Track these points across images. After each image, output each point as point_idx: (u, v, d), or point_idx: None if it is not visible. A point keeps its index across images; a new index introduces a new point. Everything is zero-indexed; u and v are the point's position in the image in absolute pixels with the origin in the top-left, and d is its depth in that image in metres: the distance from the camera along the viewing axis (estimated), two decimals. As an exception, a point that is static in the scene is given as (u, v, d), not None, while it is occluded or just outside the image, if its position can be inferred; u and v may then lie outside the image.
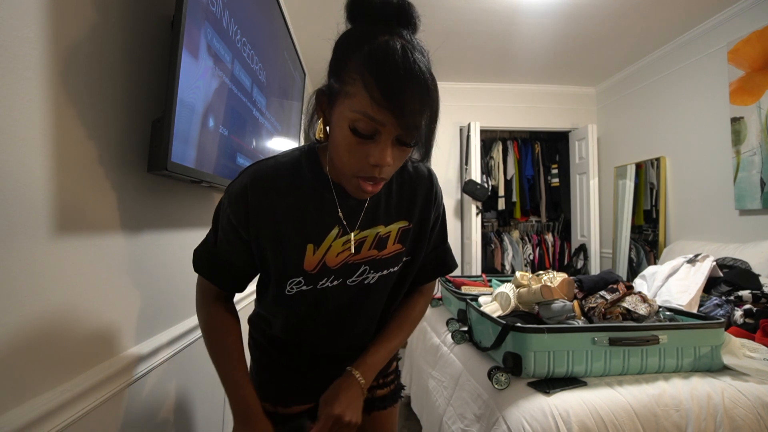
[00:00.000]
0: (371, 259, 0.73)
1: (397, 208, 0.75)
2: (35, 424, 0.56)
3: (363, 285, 0.74)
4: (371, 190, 0.62)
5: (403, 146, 0.60)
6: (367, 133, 0.57)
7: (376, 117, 0.55)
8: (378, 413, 0.88)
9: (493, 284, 2.10)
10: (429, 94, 0.57)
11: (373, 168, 0.59)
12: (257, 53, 1.34)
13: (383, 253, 0.74)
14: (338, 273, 0.71)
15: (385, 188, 0.74)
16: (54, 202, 0.62)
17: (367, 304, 0.76)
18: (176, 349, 0.99)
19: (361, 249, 0.72)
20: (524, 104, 3.92)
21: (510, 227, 4.40)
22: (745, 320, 1.61)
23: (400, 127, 0.56)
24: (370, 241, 0.73)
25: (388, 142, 0.58)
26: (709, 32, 2.67)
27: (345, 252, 0.71)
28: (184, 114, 0.85)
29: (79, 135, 0.68)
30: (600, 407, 1.07)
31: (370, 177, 0.60)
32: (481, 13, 2.54)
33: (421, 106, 0.56)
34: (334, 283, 0.72)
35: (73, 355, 0.66)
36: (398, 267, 0.76)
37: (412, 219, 0.76)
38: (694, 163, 2.83)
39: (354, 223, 0.71)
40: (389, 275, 0.75)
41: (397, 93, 0.54)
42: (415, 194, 0.76)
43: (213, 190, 1.25)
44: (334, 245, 0.70)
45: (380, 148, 0.58)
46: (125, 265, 0.81)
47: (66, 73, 0.65)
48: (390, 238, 0.74)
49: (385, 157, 0.58)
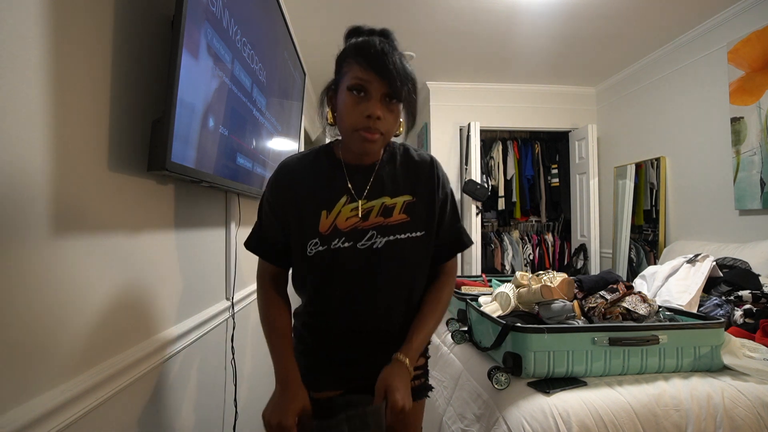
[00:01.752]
0: (378, 225, 0.83)
1: (402, 185, 0.86)
2: (35, 424, 0.56)
3: (372, 249, 0.83)
4: (370, 138, 0.77)
5: (391, 103, 0.77)
6: (359, 89, 0.75)
7: (363, 77, 0.75)
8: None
9: (493, 284, 2.09)
10: (403, 65, 0.76)
11: (367, 119, 0.75)
12: (257, 53, 1.34)
13: (389, 220, 0.84)
14: (348, 236, 0.82)
15: (390, 167, 0.87)
16: (54, 202, 0.62)
17: (380, 271, 0.83)
18: (176, 349, 0.99)
19: (369, 217, 0.84)
20: (524, 104, 3.92)
21: (510, 227, 4.41)
22: (745, 320, 1.61)
23: (382, 84, 0.74)
24: (376, 210, 0.84)
25: (377, 97, 0.75)
26: (709, 32, 2.67)
27: (354, 218, 0.83)
28: (184, 114, 0.85)
29: (79, 135, 0.68)
30: (600, 407, 1.07)
31: (367, 128, 0.76)
32: (481, 13, 2.54)
33: (396, 69, 0.74)
34: (345, 245, 0.82)
35: (73, 355, 0.66)
36: (406, 236, 0.84)
37: (415, 194, 0.87)
38: (694, 163, 2.83)
39: (361, 193, 0.84)
40: (396, 242, 0.83)
41: (376, 60, 0.74)
42: (417, 174, 0.88)
43: (213, 190, 1.25)
44: (344, 210, 0.83)
45: (371, 103, 0.75)
46: (125, 265, 0.81)
47: (66, 73, 0.65)
48: (395, 209, 0.85)
49: (376, 110, 0.75)
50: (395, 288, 0.86)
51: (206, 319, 1.16)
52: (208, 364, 1.21)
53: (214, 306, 1.25)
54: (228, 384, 1.36)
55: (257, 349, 1.73)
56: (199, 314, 1.14)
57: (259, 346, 1.78)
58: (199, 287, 1.15)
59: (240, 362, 1.45)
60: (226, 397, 1.34)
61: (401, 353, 0.81)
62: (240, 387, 1.43)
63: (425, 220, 0.86)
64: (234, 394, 1.36)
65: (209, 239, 1.24)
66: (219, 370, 1.29)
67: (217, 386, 1.28)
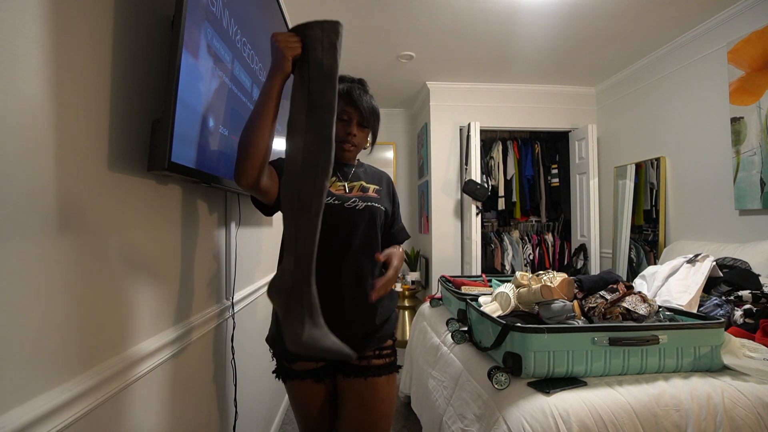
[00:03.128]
0: (358, 195, 1.15)
1: (372, 180, 1.23)
2: (35, 424, 0.56)
3: (355, 209, 1.11)
4: (348, 148, 1.15)
5: (361, 128, 1.15)
6: (344, 117, 1.12)
7: (347, 110, 1.12)
8: (374, 379, 1.11)
9: (493, 284, 2.09)
10: (372, 105, 1.15)
11: (347, 135, 1.13)
12: (257, 53, 1.34)
13: (366, 194, 1.17)
14: (337, 198, 1.11)
15: (362, 171, 1.24)
16: (54, 202, 0.62)
17: (359, 225, 1.11)
18: (176, 349, 0.99)
19: (352, 191, 1.17)
20: (524, 104, 3.92)
21: (510, 227, 4.41)
22: (745, 320, 1.61)
23: (357, 114, 1.13)
24: (356, 188, 1.18)
25: (353, 123, 1.13)
26: (709, 32, 2.67)
27: (341, 189, 1.15)
28: (184, 114, 0.85)
29: (79, 135, 0.68)
30: (600, 407, 1.07)
31: (346, 141, 1.14)
32: (481, 13, 2.54)
33: (365, 107, 1.12)
34: (335, 202, 1.10)
35: (73, 355, 0.66)
36: (378, 205, 1.16)
37: (381, 186, 1.23)
38: (694, 163, 2.83)
39: (346, 178, 1.19)
40: (372, 207, 1.14)
41: (353, 99, 1.12)
42: (381, 178, 1.27)
43: (213, 190, 1.26)
44: (334, 184, 1.16)
45: (350, 125, 1.13)
46: (125, 264, 0.81)
47: (66, 73, 0.65)
48: (369, 190, 1.19)
49: (353, 130, 1.14)
50: (366, 241, 1.13)
51: (206, 319, 1.16)
52: (208, 364, 1.21)
53: (214, 306, 1.25)
54: (228, 384, 1.36)
55: (257, 349, 1.73)
56: (199, 314, 1.14)
57: (259, 346, 1.78)
58: (199, 287, 1.15)
59: (240, 362, 1.45)
60: (226, 397, 1.34)
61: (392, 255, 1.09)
62: (240, 387, 1.43)
63: (388, 202, 1.22)
64: (234, 394, 1.36)
65: (209, 239, 1.24)
66: (219, 370, 1.30)
67: (217, 386, 1.28)
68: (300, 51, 0.86)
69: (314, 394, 1.13)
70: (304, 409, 1.15)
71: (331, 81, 0.85)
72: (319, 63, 0.85)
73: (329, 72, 0.85)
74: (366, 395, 1.11)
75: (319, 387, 1.13)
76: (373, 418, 1.11)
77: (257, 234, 1.83)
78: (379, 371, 1.12)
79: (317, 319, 0.86)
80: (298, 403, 1.16)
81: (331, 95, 0.85)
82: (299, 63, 0.87)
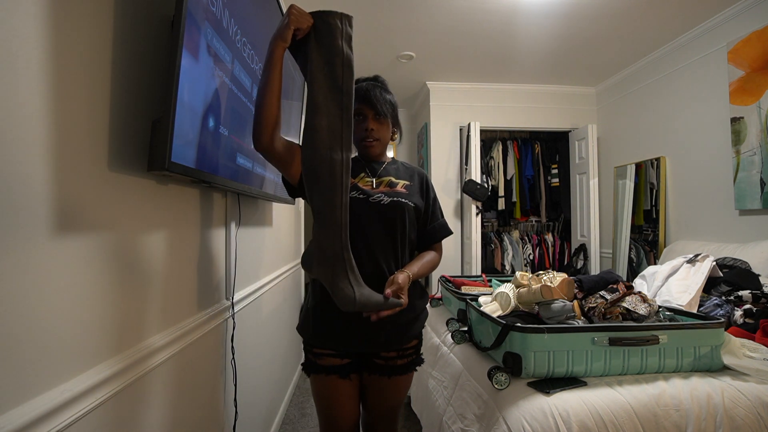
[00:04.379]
0: (385, 191, 1.16)
1: (402, 175, 1.22)
2: (35, 424, 0.56)
3: (380, 204, 1.12)
4: (369, 144, 1.17)
5: (379, 119, 1.15)
6: (358, 116, 1.15)
7: (360, 108, 1.14)
8: (397, 377, 1.17)
9: (493, 284, 2.09)
10: (385, 94, 1.15)
11: (365, 132, 1.15)
12: (257, 53, 1.34)
13: (393, 189, 1.17)
14: (363, 192, 1.14)
15: (393, 168, 1.23)
16: (54, 202, 0.62)
17: (386, 219, 1.12)
18: (176, 349, 0.99)
19: (379, 186, 1.17)
20: (524, 104, 3.92)
21: (510, 227, 4.41)
22: (745, 320, 1.61)
23: (371, 109, 1.14)
24: (384, 183, 1.18)
25: (368, 119, 1.15)
26: (709, 32, 2.67)
27: (368, 185, 1.16)
28: (184, 114, 0.85)
29: (79, 135, 0.68)
30: (600, 407, 1.07)
31: (366, 138, 1.16)
32: (481, 13, 2.54)
33: (377, 99, 1.12)
34: (360, 196, 1.12)
35: (73, 355, 0.66)
36: (405, 199, 1.15)
37: (412, 181, 1.22)
38: (694, 163, 2.83)
39: (374, 174, 1.19)
40: (398, 202, 1.13)
41: (365, 94, 1.13)
42: (412, 174, 1.25)
43: (213, 190, 1.25)
44: (363, 180, 1.17)
45: (366, 121, 1.15)
46: (125, 264, 0.81)
47: (66, 72, 0.65)
48: (398, 185, 1.18)
49: (369, 125, 1.15)
50: (390, 237, 1.12)
51: (206, 319, 1.16)
52: (208, 364, 1.21)
53: (214, 306, 1.25)
54: (228, 384, 1.36)
55: (257, 349, 1.74)
56: (199, 314, 1.14)
57: (259, 345, 1.79)
58: (199, 287, 1.15)
59: (240, 362, 1.45)
60: (226, 397, 1.34)
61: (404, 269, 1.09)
62: (240, 387, 1.43)
63: (419, 198, 1.19)
64: (234, 394, 1.36)
65: (209, 239, 1.24)
66: (219, 370, 1.30)
67: (217, 386, 1.28)
68: (306, 27, 0.93)
69: (339, 389, 1.14)
70: (327, 403, 1.16)
71: (350, 68, 0.95)
72: (340, 50, 0.93)
73: (348, 60, 0.94)
74: (388, 390, 1.18)
75: (344, 383, 1.14)
76: (392, 404, 1.21)
77: (257, 234, 1.83)
78: (402, 370, 1.18)
79: (361, 281, 0.97)
80: (321, 397, 1.16)
81: (350, 82, 0.95)
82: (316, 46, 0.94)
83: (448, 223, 1.27)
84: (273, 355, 2.02)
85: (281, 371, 2.27)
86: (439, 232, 1.23)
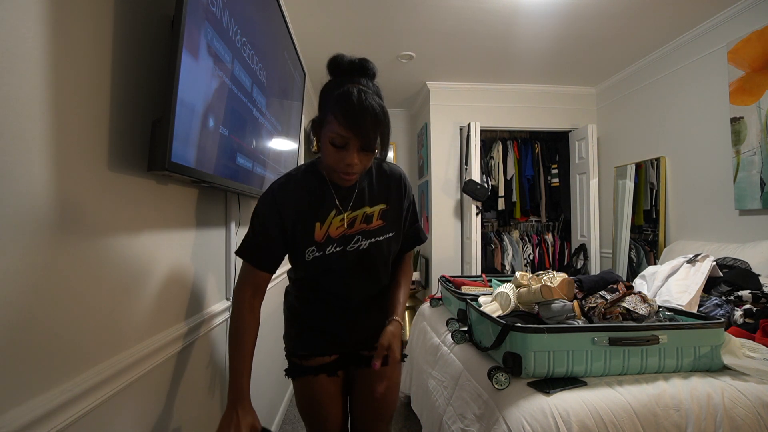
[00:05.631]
0: (362, 230, 1.03)
1: (378, 195, 1.06)
2: (35, 424, 0.56)
3: (359, 251, 1.02)
4: (348, 179, 0.95)
5: (366, 152, 0.91)
6: (340, 145, 0.89)
7: (343, 134, 0.87)
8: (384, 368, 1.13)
9: (493, 284, 2.09)
10: (378, 118, 0.87)
11: (346, 166, 0.90)
12: (257, 53, 1.34)
13: (370, 226, 1.04)
14: (339, 242, 1.01)
15: (368, 181, 1.05)
16: (54, 202, 0.62)
17: (366, 266, 1.04)
18: (177, 349, 0.99)
19: (354, 224, 1.03)
20: (524, 104, 3.92)
21: (510, 227, 4.41)
22: (745, 320, 1.61)
23: (359, 141, 0.87)
24: (359, 218, 1.03)
25: (354, 150, 0.89)
26: (709, 32, 2.67)
27: (341, 227, 1.01)
28: (184, 114, 0.85)
29: (79, 135, 0.68)
30: (600, 407, 1.07)
31: (345, 172, 0.92)
32: (481, 13, 2.54)
33: (373, 126, 0.86)
34: (337, 249, 1.01)
35: (73, 355, 0.66)
36: (383, 237, 1.04)
37: (388, 202, 1.07)
38: (694, 163, 2.83)
39: (347, 206, 1.02)
40: (377, 243, 1.04)
41: (353, 119, 0.85)
42: (389, 185, 1.08)
43: (213, 190, 1.25)
44: (334, 221, 1.01)
45: (350, 154, 0.89)
46: (124, 265, 0.81)
47: (66, 72, 0.65)
48: (374, 216, 1.05)
49: (353, 161, 0.90)
50: (377, 273, 1.08)
51: (206, 319, 1.16)
52: (208, 364, 1.21)
53: (214, 306, 1.25)
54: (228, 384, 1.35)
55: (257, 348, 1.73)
56: (199, 314, 1.14)
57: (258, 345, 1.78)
58: (199, 287, 1.15)
59: (240, 362, 1.45)
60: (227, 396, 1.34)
61: (395, 316, 1.05)
62: (240, 387, 1.43)
63: (396, 223, 1.08)
64: (234, 394, 1.36)
65: (209, 239, 1.24)
66: (219, 370, 1.29)
67: (217, 386, 1.28)
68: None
69: (328, 387, 1.12)
70: (317, 405, 1.12)
71: None
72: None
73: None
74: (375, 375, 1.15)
75: (332, 380, 1.13)
76: (382, 403, 1.17)
77: (257, 234, 1.83)
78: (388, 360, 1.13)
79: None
80: (311, 400, 1.13)
81: None
82: None
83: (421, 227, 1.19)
84: (273, 355, 2.01)
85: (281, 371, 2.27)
86: (412, 241, 1.16)
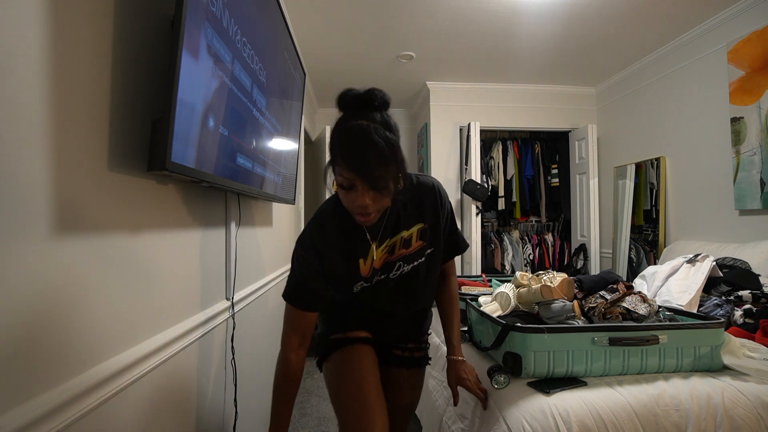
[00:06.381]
0: (402, 256, 1.03)
1: (412, 216, 1.04)
2: (35, 424, 0.56)
3: (402, 275, 1.05)
4: (364, 221, 0.91)
5: (377, 191, 0.85)
6: (348, 186, 0.85)
7: (348, 176, 0.84)
8: (415, 369, 1.23)
9: (493, 284, 2.09)
10: (382, 155, 0.81)
11: (359, 208, 0.86)
12: (257, 53, 1.34)
13: (410, 250, 1.04)
14: (383, 270, 1.03)
15: (400, 203, 1.01)
16: (54, 202, 0.62)
17: (410, 285, 1.07)
18: (176, 349, 0.99)
19: (395, 250, 1.03)
20: (524, 104, 3.92)
21: (510, 227, 4.41)
22: (745, 320, 1.61)
23: (365, 182, 0.83)
24: (399, 244, 1.03)
25: (363, 191, 0.85)
26: (709, 32, 2.67)
27: (384, 256, 1.03)
28: (184, 114, 0.85)
29: (79, 135, 0.68)
30: (600, 407, 1.07)
31: (360, 213, 0.88)
32: (481, 13, 2.54)
33: (378, 164, 0.81)
34: (382, 277, 1.04)
35: (73, 355, 0.66)
36: (424, 258, 1.05)
37: (425, 220, 1.04)
38: (694, 163, 2.83)
39: (382, 238, 1.01)
40: (419, 265, 1.05)
41: (356, 160, 0.82)
42: (423, 201, 1.04)
43: (213, 190, 1.25)
44: (377, 253, 1.01)
45: (359, 195, 0.85)
46: (125, 265, 0.81)
47: (66, 73, 0.65)
48: (413, 238, 1.04)
49: (364, 202, 0.85)
50: (420, 290, 1.09)
51: (206, 319, 1.16)
52: (207, 365, 1.21)
53: (214, 306, 1.25)
54: (228, 384, 1.36)
55: (257, 349, 1.74)
56: (198, 314, 1.14)
57: (258, 346, 1.79)
58: (199, 287, 1.15)
59: (240, 362, 1.45)
60: (226, 397, 1.34)
61: (454, 355, 1.15)
62: (240, 387, 1.43)
63: (435, 238, 1.07)
64: (234, 394, 1.36)
65: (209, 239, 1.24)
66: (219, 370, 1.29)
67: (217, 386, 1.28)
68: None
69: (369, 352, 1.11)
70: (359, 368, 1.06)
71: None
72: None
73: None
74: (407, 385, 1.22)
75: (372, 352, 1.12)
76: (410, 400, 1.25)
77: (257, 234, 1.83)
78: (419, 362, 1.24)
79: None
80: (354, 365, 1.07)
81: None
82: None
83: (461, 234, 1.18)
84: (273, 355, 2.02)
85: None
86: (453, 250, 1.15)
